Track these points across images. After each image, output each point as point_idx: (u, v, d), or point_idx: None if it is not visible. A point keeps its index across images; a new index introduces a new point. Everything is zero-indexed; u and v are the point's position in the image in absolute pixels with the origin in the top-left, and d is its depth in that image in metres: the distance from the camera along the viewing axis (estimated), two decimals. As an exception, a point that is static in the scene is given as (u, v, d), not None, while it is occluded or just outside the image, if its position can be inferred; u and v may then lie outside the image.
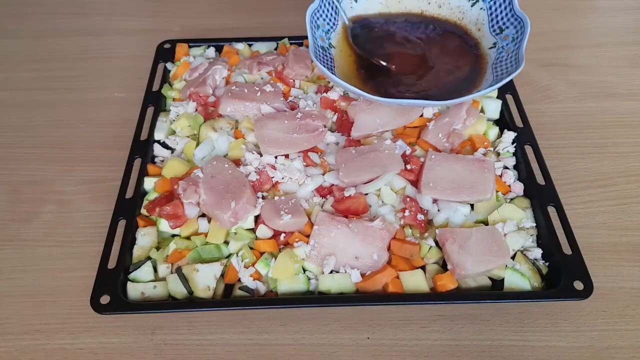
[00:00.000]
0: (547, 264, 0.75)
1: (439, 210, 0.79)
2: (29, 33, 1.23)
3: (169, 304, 0.71)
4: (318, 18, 0.89)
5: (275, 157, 0.85)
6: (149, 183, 0.83)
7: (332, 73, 0.81)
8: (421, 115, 0.91)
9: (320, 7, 0.89)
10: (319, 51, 0.85)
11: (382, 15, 0.95)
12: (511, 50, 0.82)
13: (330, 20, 0.91)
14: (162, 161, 0.89)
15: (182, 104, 0.95)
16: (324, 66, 0.81)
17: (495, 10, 0.86)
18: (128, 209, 0.79)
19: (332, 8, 0.90)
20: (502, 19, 0.85)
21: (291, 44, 1.07)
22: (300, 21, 1.13)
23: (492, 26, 0.86)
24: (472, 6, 0.88)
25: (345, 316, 0.73)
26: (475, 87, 0.85)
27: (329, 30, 0.90)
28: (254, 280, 0.73)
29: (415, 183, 0.82)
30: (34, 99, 1.06)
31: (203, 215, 0.79)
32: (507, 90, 0.96)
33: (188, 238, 0.77)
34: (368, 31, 0.92)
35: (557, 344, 0.70)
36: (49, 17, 1.27)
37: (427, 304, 0.73)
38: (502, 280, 0.72)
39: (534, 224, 0.78)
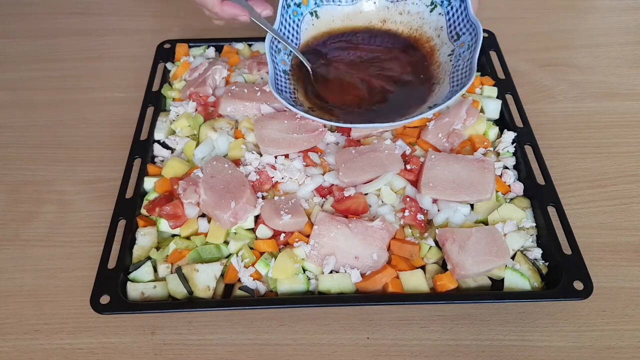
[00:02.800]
0: (547, 264, 0.75)
1: (438, 210, 0.79)
2: (29, 33, 1.22)
3: (168, 304, 0.71)
4: (278, 42, 0.88)
5: (275, 157, 0.85)
6: (149, 183, 0.83)
7: (295, 96, 0.83)
8: (421, 115, 0.91)
9: (280, 29, 0.88)
10: (280, 79, 0.85)
11: (335, 32, 0.94)
12: (467, 58, 0.82)
13: (292, 40, 0.90)
14: (162, 161, 0.89)
15: (182, 104, 0.95)
16: (285, 93, 0.82)
17: (453, 15, 0.87)
18: (128, 209, 0.79)
19: (292, 27, 0.90)
20: (458, 24, 0.86)
21: (291, 44, 1.07)
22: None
23: (450, 32, 0.87)
24: (431, 12, 0.89)
25: (345, 316, 0.73)
26: (431, 96, 0.84)
27: (290, 51, 0.90)
28: (254, 280, 0.73)
29: (415, 183, 0.82)
30: (34, 99, 1.06)
31: (203, 215, 0.79)
32: (507, 90, 0.96)
33: (188, 238, 0.77)
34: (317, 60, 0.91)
35: (557, 344, 0.70)
36: (49, 17, 1.27)
37: (427, 304, 0.73)
38: (502, 280, 0.72)
39: (534, 224, 0.78)
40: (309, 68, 0.87)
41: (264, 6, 0.85)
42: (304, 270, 0.74)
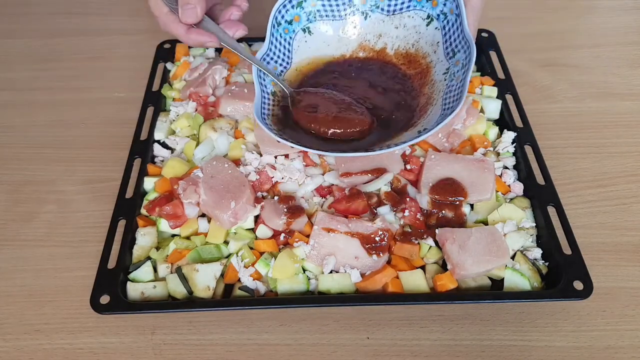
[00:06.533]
0: (546, 264, 0.75)
1: (439, 210, 0.79)
2: (28, 33, 1.22)
3: (168, 304, 0.71)
4: (268, 62, 0.84)
5: (275, 157, 0.85)
6: (148, 183, 0.83)
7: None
8: (421, 115, 0.91)
9: (270, 49, 0.84)
10: (265, 101, 0.81)
11: (326, 60, 0.90)
12: (460, 78, 0.77)
13: (283, 59, 0.86)
14: (162, 161, 0.89)
15: (182, 104, 0.95)
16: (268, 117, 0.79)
17: (449, 30, 0.81)
18: (128, 209, 0.79)
19: (284, 46, 0.86)
20: (454, 40, 0.80)
21: (291, 44, 1.07)
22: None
23: (446, 48, 0.82)
24: (427, 26, 0.85)
25: (345, 316, 0.73)
26: (424, 118, 0.80)
27: (282, 71, 0.86)
28: (253, 280, 0.73)
29: (415, 183, 0.82)
30: (34, 99, 1.06)
31: (203, 215, 0.79)
32: (507, 90, 0.96)
33: (188, 238, 0.77)
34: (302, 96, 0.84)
35: (557, 344, 0.70)
36: (49, 17, 1.27)
37: (426, 304, 0.73)
38: (502, 280, 0.72)
39: (534, 224, 0.78)
40: (288, 93, 0.83)
41: (237, 27, 0.79)
42: (304, 270, 0.74)
